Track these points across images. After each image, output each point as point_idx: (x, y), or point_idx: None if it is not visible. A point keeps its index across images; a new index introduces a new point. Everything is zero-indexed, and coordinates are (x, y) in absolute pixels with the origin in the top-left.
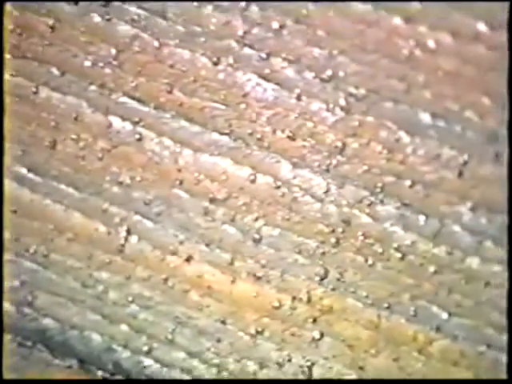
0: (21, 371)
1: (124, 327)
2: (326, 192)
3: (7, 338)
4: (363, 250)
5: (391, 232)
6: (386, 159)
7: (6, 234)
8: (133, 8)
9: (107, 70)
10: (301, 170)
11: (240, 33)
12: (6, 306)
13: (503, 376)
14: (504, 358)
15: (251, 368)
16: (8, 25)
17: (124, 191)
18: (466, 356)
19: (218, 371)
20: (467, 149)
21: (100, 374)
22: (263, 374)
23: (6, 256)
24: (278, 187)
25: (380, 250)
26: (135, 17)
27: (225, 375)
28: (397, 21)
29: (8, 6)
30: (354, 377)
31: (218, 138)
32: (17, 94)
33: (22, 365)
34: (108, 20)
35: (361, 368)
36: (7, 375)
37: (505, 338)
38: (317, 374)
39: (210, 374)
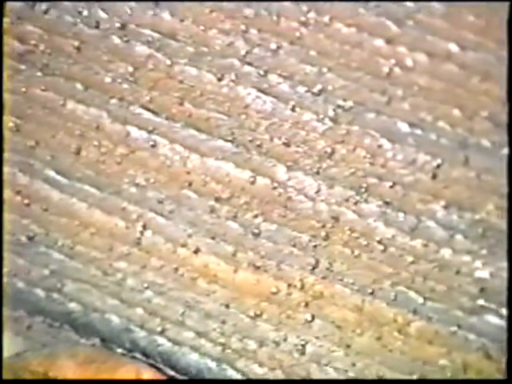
0: (51, 348)
1: (140, 310)
2: (317, 192)
3: (39, 319)
4: (350, 242)
5: (374, 227)
6: (369, 163)
7: (38, 230)
8: (147, 31)
9: (125, 86)
10: (295, 172)
11: (242, 52)
12: (38, 291)
13: (472, 352)
14: (472, 337)
15: (252, 346)
16: (40, 44)
17: (140, 191)
18: (439, 335)
19: (222, 349)
20: (440, 154)
21: (119, 351)
22: (262, 352)
23: (39, 248)
24: (275, 188)
25: (364, 243)
26: (150, 39)
27: (228, 352)
28: (378, 42)
29: (39, 30)
30: (341, 353)
31: (222, 144)
32: (47, 107)
33: (51, 343)
34: (126, 41)
35: (348, 346)
36: (40, 352)
37: (473, 319)
38: (309, 351)
39: (215, 351)
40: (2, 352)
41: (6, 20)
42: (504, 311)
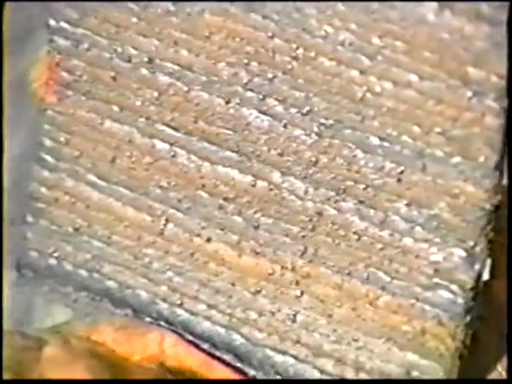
0: (93, 317)
1: (164, 287)
2: (305, 193)
3: (83, 294)
4: (331, 233)
5: (351, 221)
6: (346, 170)
7: (82, 223)
8: (169, 64)
9: (151, 108)
10: (287, 177)
11: (244, 81)
12: (82, 272)
13: (428, 320)
14: (428, 308)
15: (253, 316)
16: (84, 75)
17: (163, 192)
18: (402, 307)
19: (229, 318)
20: (403, 162)
21: (147, 319)
22: (261, 321)
23: (82, 237)
24: (272, 189)
25: (343, 234)
26: (171, 70)
27: (234, 321)
28: (354, 73)
29: (83, 64)
30: (324, 322)
31: (229, 154)
32: (89, 125)
33: (93, 313)
34: (152, 72)
35: (330, 316)
36: (84, 320)
37: (429, 294)
38: (299, 320)
39: (224, 320)
40: (1, 353)
41: (51, 50)
42: (453, 287)
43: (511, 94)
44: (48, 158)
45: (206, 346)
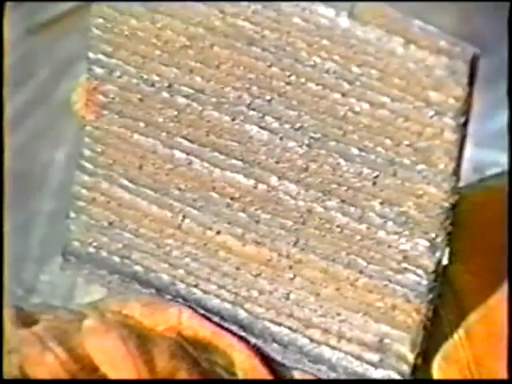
0: (124, 296)
1: (181, 271)
2: (298, 194)
3: (116, 277)
4: (319, 227)
5: (334, 216)
6: (331, 175)
7: (115, 218)
8: (186, 88)
9: (171, 124)
10: (283, 180)
11: (247, 102)
12: (115, 258)
13: (398, 298)
14: (398, 288)
15: (254, 294)
16: (116, 98)
17: (181, 193)
18: (377, 287)
19: (235, 296)
20: (378, 169)
21: (168, 297)
22: (261, 298)
23: (115, 230)
24: (270, 191)
25: (328, 227)
26: (187, 93)
27: (239, 298)
28: (337, 95)
29: (115, 88)
30: (313, 299)
31: (235, 162)
32: (120, 138)
33: (124, 292)
34: (171, 95)
35: (317, 294)
36: (116, 298)
37: (399, 277)
38: (292, 298)
39: (230, 297)
40: (2, 355)
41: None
42: (419, 271)
43: (511, 99)
44: (87, 165)
45: (215, 319)
